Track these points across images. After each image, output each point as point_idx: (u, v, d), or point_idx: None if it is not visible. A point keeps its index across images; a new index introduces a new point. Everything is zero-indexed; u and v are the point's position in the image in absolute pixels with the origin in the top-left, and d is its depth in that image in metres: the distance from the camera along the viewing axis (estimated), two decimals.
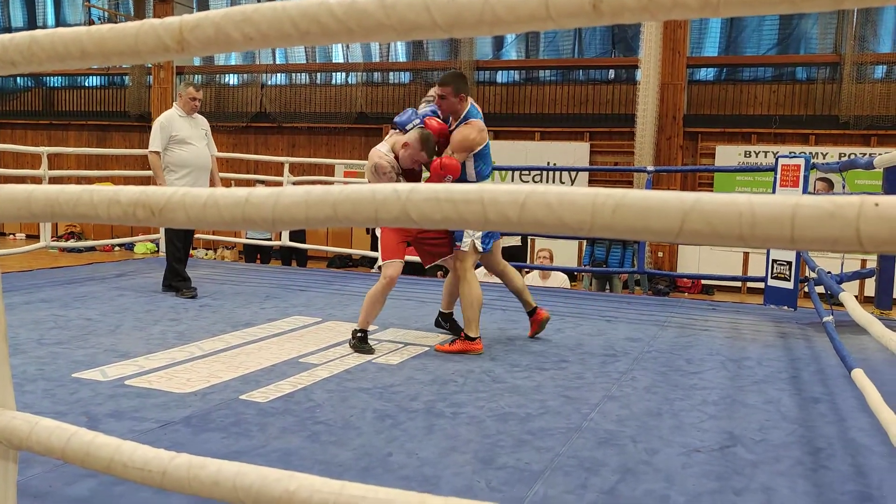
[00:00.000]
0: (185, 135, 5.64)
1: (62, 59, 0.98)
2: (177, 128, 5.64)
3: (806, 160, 5.76)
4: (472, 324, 4.08)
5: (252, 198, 0.91)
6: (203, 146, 5.78)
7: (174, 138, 5.62)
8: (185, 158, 5.65)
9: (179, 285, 5.67)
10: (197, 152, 5.71)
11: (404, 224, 0.84)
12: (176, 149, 5.63)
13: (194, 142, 5.69)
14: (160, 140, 5.60)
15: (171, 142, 5.62)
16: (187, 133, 5.66)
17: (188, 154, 5.66)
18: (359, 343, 4.08)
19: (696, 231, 0.72)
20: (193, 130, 5.72)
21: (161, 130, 5.61)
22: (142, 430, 2.72)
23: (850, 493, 2.37)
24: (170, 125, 5.63)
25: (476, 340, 4.06)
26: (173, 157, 5.63)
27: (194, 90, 5.73)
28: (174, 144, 5.63)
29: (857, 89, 10.87)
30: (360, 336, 4.10)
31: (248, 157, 9.85)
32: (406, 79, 13.63)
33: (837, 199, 0.71)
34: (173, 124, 5.64)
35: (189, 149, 5.66)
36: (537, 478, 2.40)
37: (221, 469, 1.04)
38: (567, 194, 0.78)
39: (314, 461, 2.49)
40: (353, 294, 5.96)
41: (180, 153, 5.64)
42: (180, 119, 5.69)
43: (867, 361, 3.87)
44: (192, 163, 5.67)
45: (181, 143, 5.64)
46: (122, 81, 15.62)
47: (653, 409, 3.19)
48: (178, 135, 5.62)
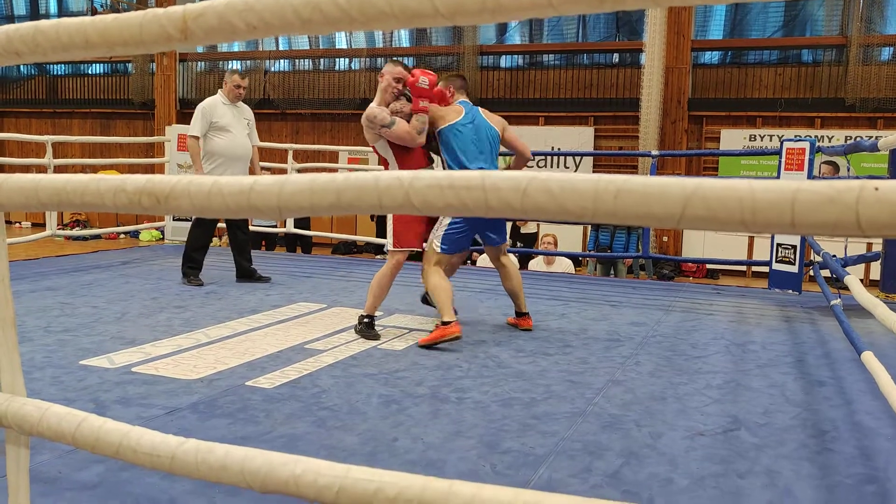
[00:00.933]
0: (225, 122, 5.56)
1: (66, 50, 0.99)
2: (218, 114, 5.55)
3: (811, 144, 5.74)
4: (442, 309, 3.98)
5: (257, 186, 0.92)
6: (243, 136, 5.69)
7: (214, 125, 5.54)
8: (221, 147, 5.57)
9: (188, 271, 5.66)
10: (235, 141, 5.61)
11: (408, 211, 0.85)
12: (214, 136, 5.56)
13: (234, 130, 5.60)
14: (200, 125, 5.52)
15: (212, 128, 5.55)
16: (228, 121, 5.57)
17: (225, 142, 5.57)
18: (365, 328, 4.10)
19: (698, 217, 0.73)
20: (235, 119, 5.63)
21: (202, 116, 5.53)
22: (149, 416, 2.75)
23: (855, 475, 2.38)
24: (211, 111, 5.55)
25: (451, 324, 3.92)
26: (210, 144, 5.56)
27: (239, 77, 5.64)
28: (213, 131, 5.56)
29: (863, 71, 10.80)
30: (366, 322, 4.12)
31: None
32: (410, 64, 13.57)
33: (837, 184, 0.71)
34: (215, 110, 5.56)
35: (227, 137, 5.57)
36: (542, 462, 2.41)
37: (229, 453, 1.05)
38: (569, 181, 0.78)
39: (320, 446, 2.51)
40: (358, 280, 5.98)
41: (217, 141, 5.57)
42: (223, 106, 5.61)
43: (873, 345, 3.86)
44: (228, 152, 5.58)
45: (221, 131, 5.56)
46: (125, 69, 15.61)
47: (657, 393, 3.20)
48: (218, 122, 5.54)
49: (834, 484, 2.32)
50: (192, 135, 5.55)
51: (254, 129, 5.87)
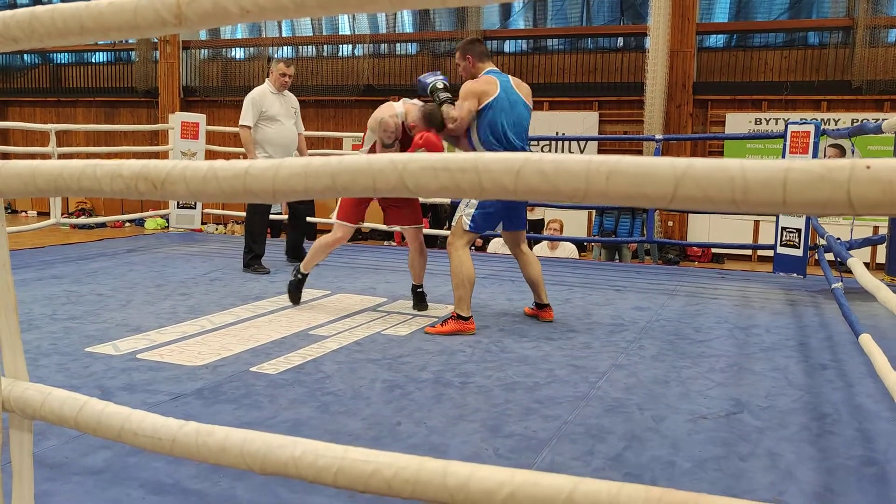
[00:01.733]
0: (274, 112, 5.60)
1: (62, 35, 0.99)
2: (267, 104, 5.59)
3: (816, 126, 5.71)
4: (462, 302, 3.88)
5: (252, 169, 0.92)
6: (291, 124, 5.74)
7: (264, 115, 5.58)
8: (271, 136, 5.61)
9: (251, 262, 5.73)
10: (284, 130, 5.67)
11: (402, 193, 0.85)
12: (264, 126, 5.61)
13: (282, 119, 5.65)
14: (251, 115, 5.56)
15: (261, 118, 5.59)
16: (277, 110, 5.62)
17: (275, 131, 5.62)
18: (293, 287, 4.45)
19: (690, 196, 0.73)
20: (283, 108, 5.67)
21: (252, 106, 5.57)
22: (154, 402, 2.77)
23: (856, 457, 2.39)
24: (261, 101, 5.59)
25: (469, 320, 3.87)
26: (261, 133, 5.61)
27: (284, 66, 5.66)
28: (263, 121, 5.60)
29: (870, 53, 10.72)
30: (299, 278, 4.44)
31: None
32: (413, 50, 13.54)
33: (829, 163, 0.71)
34: (264, 100, 5.60)
35: (277, 126, 5.62)
36: (544, 445, 2.43)
37: (229, 436, 1.06)
38: (562, 162, 0.78)
39: (324, 431, 2.53)
40: (363, 267, 5.99)
41: (267, 130, 5.61)
42: (271, 95, 5.64)
43: (876, 328, 3.87)
44: (278, 141, 5.63)
45: (270, 120, 5.60)
46: (128, 57, 15.58)
47: (660, 377, 3.21)
48: (267, 111, 5.58)
49: (835, 466, 2.33)
50: (244, 125, 5.60)
51: (299, 117, 5.92)
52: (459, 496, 0.87)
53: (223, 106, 14.57)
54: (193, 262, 6.12)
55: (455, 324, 3.86)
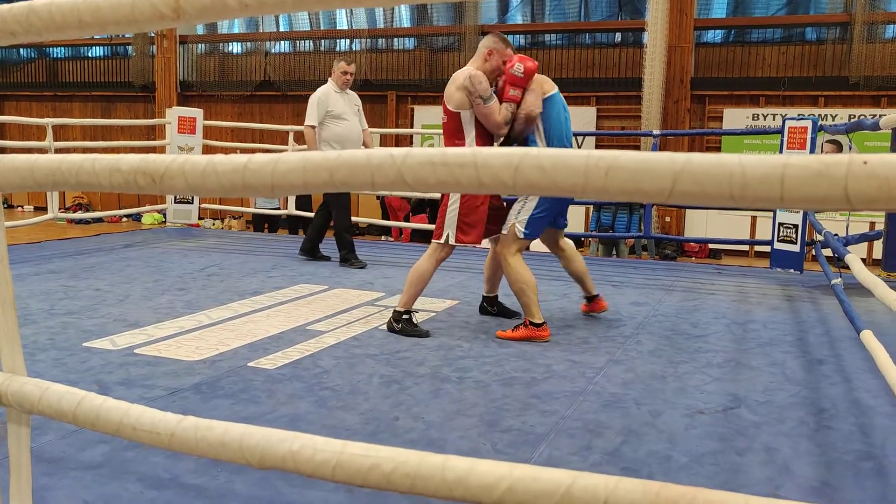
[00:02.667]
0: (339, 110, 5.66)
1: (60, 29, 0.99)
2: (332, 103, 5.65)
3: (813, 122, 5.71)
4: (531, 309, 3.68)
5: (251, 164, 0.92)
6: (356, 121, 5.80)
7: (330, 113, 5.64)
8: (339, 133, 5.66)
9: (347, 256, 5.80)
10: (350, 127, 5.72)
11: (400, 188, 0.85)
12: (331, 124, 5.65)
13: (348, 117, 5.71)
14: (317, 115, 5.62)
15: (327, 117, 5.64)
16: (342, 108, 5.68)
17: (342, 129, 5.67)
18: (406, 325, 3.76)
19: (687, 192, 0.73)
20: (347, 106, 5.74)
21: (318, 105, 5.63)
22: (151, 397, 2.77)
23: (853, 452, 2.40)
24: (326, 100, 5.65)
25: (542, 326, 3.67)
26: (328, 132, 5.65)
27: (345, 64, 5.74)
28: (330, 120, 5.65)
29: (867, 49, 10.73)
30: (405, 319, 3.78)
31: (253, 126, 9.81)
32: (411, 45, 13.52)
33: (826, 159, 0.71)
34: (329, 99, 5.65)
35: (343, 124, 5.68)
36: (542, 440, 2.43)
37: (227, 430, 1.06)
38: (560, 157, 0.78)
39: (322, 425, 2.53)
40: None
41: (335, 128, 5.66)
42: (335, 94, 5.70)
43: (874, 324, 3.87)
44: (346, 138, 5.68)
45: (336, 119, 5.66)
46: (125, 52, 15.55)
47: (657, 372, 3.22)
48: (333, 110, 5.64)
49: (832, 461, 2.34)
50: (310, 124, 5.66)
51: (362, 114, 5.97)
52: (458, 490, 0.87)
53: (220, 101, 14.55)
54: (191, 257, 6.12)
55: (526, 330, 3.67)
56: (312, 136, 5.66)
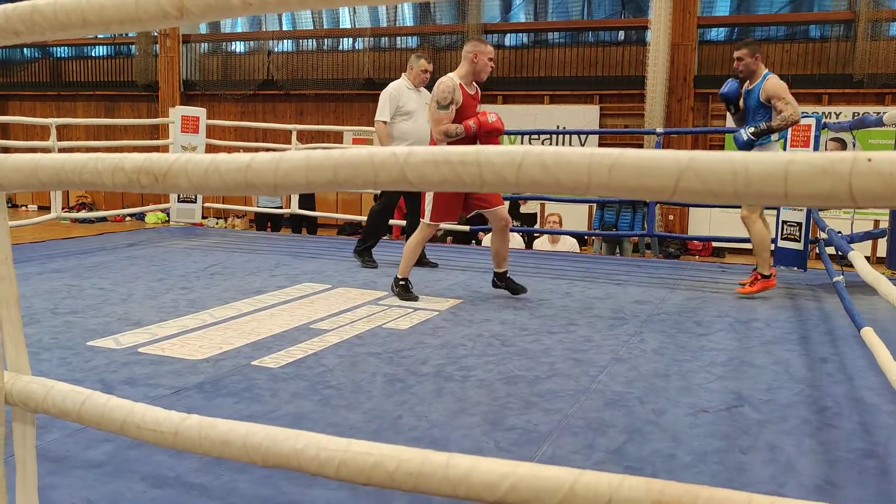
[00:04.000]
0: (411, 107, 5.64)
1: (64, 28, 0.99)
2: (404, 99, 5.63)
3: (817, 120, 5.70)
4: (764, 263, 4.65)
5: (254, 163, 0.92)
6: (424, 119, 5.72)
7: (400, 109, 5.62)
8: (406, 130, 5.64)
9: (363, 252, 5.82)
10: (418, 125, 5.68)
11: (403, 186, 0.85)
12: (400, 120, 5.64)
13: (418, 115, 5.68)
14: (388, 110, 5.61)
15: (398, 113, 5.63)
16: (413, 105, 5.66)
17: (410, 126, 5.65)
18: (403, 291, 4.49)
19: (691, 189, 0.73)
20: (419, 103, 5.70)
21: (390, 101, 5.61)
22: (155, 396, 2.77)
23: (856, 450, 2.40)
24: (398, 96, 5.62)
25: (771, 277, 4.60)
26: (396, 128, 5.64)
27: (426, 63, 5.71)
28: (399, 116, 5.63)
29: (871, 47, 10.70)
30: (402, 284, 4.51)
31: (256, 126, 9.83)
32: (414, 43, 13.52)
33: (831, 156, 0.71)
34: (401, 95, 5.63)
35: (412, 121, 5.66)
36: (545, 438, 2.43)
37: (232, 429, 1.06)
38: (563, 154, 0.78)
39: (325, 424, 2.53)
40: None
41: (403, 125, 5.64)
42: (408, 91, 5.67)
43: (876, 321, 3.87)
44: (413, 135, 5.65)
45: (407, 115, 5.64)
46: (128, 51, 15.57)
47: (660, 370, 3.21)
48: (404, 106, 5.62)
49: (835, 459, 2.34)
50: (381, 119, 5.65)
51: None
52: (461, 488, 0.87)
53: (223, 100, 14.56)
54: (194, 255, 6.13)
55: (761, 283, 4.63)
56: (383, 131, 5.64)
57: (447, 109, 4.36)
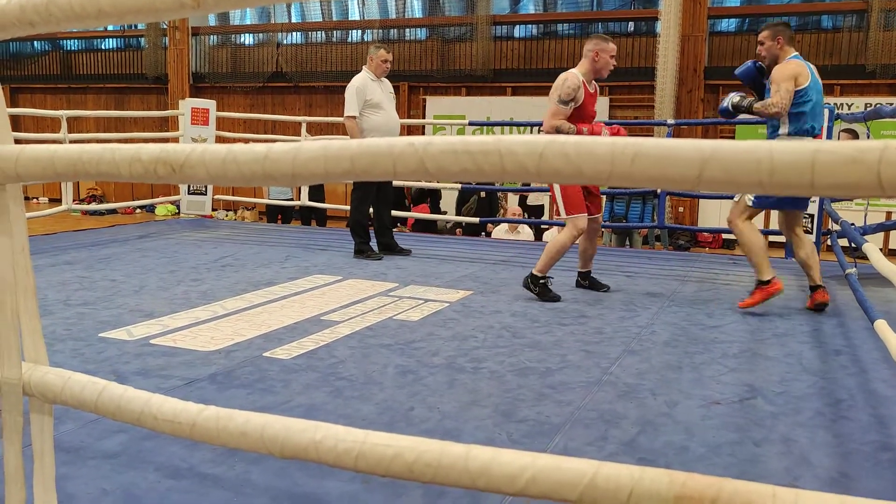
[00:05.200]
0: (377, 99, 5.61)
1: (80, 19, 0.99)
2: (370, 91, 5.59)
3: (830, 110, 5.66)
4: (760, 268, 4.06)
5: (272, 153, 0.91)
6: (392, 109, 5.77)
7: (368, 102, 5.59)
8: (377, 123, 5.61)
9: (361, 247, 5.77)
10: (388, 116, 5.68)
11: (422, 176, 0.84)
12: (369, 113, 5.61)
13: (385, 106, 5.66)
14: (356, 105, 5.57)
15: (366, 106, 5.59)
16: (380, 97, 5.63)
17: (381, 118, 5.62)
18: (543, 290, 4.34)
19: (715, 179, 0.72)
20: (384, 94, 5.68)
21: (357, 95, 5.57)
22: (168, 387, 2.78)
23: (871, 443, 2.38)
24: (364, 89, 5.59)
25: (770, 282, 4.02)
26: (367, 121, 5.61)
27: (385, 52, 5.66)
28: (368, 109, 5.60)
29: (884, 37, 10.61)
30: (542, 283, 4.35)
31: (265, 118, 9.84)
32: (423, 35, 13.48)
33: (859, 144, 0.70)
34: (367, 88, 5.59)
35: (381, 113, 5.63)
36: (557, 430, 2.43)
37: (249, 420, 1.06)
38: (585, 144, 0.77)
39: (338, 415, 2.53)
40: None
41: (373, 118, 5.61)
42: (372, 83, 5.64)
43: (890, 314, 3.84)
44: (384, 126, 5.63)
45: (375, 108, 5.61)
46: (138, 44, 15.59)
47: (672, 362, 3.20)
48: (371, 98, 5.59)
49: (849, 451, 2.32)
50: (350, 115, 5.61)
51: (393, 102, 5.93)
52: (481, 481, 0.87)
53: (232, 92, 14.57)
54: (205, 247, 6.14)
55: (760, 292, 4.05)
56: (353, 127, 5.60)
57: (567, 105, 4.28)
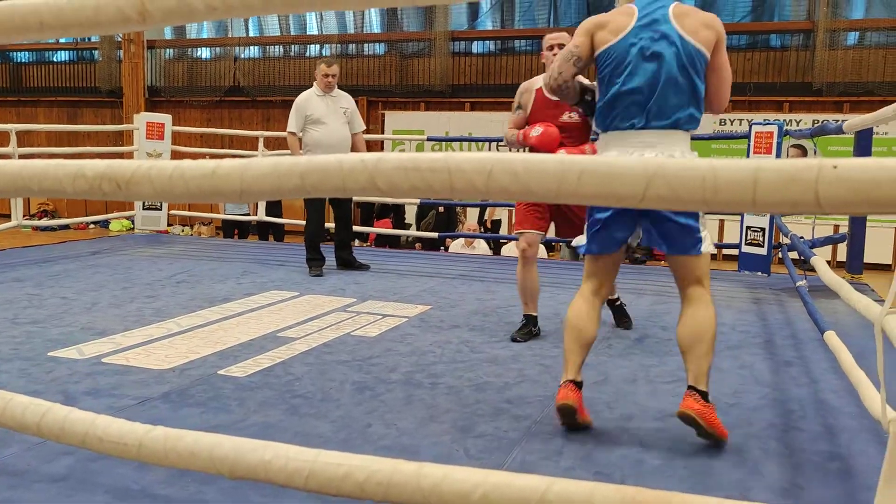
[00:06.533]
0: (319, 114, 5.54)
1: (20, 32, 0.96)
2: (312, 107, 5.55)
3: (779, 127, 5.80)
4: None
5: (220, 169, 0.90)
6: (339, 125, 5.63)
7: (309, 118, 5.54)
8: (317, 139, 5.55)
9: (309, 262, 5.71)
10: (330, 132, 5.57)
11: (373, 193, 0.84)
12: (310, 129, 5.56)
13: (328, 121, 5.57)
14: (295, 121, 5.55)
15: (307, 122, 5.55)
16: (322, 112, 5.56)
17: (320, 134, 5.55)
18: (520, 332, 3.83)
19: (660, 196, 0.73)
20: (329, 109, 5.59)
21: (296, 111, 5.56)
22: (120, 406, 2.72)
23: (821, 453, 2.43)
24: (305, 105, 5.55)
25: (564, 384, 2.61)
26: (308, 137, 5.58)
27: (325, 66, 5.60)
28: (309, 125, 5.56)
29: (829, 56, 10.92)
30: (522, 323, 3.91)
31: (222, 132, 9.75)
32: (381, 50, 13.50)
33: (798, 163, 0.72)
34: (308, 104, 5.56)
35: (322, 129, 5.56)
36: (515, 445, 2.43)
37: (198, 440, 1.04)
38: (534, 162, 0.78)
39: (294, 433, 2.50)
40: (329, 268, 5.94)
41: (314, 134, 5.57)
42: (317, 98, 5.59)
43: (838, 325, 3.93)
44: (325, 142, 5.53)
45: (315, 123, 5.55)
46: (91, 56, 15.33)
47: (628, 375, 3.23)
48: (312, 114, 5.53)
49: (800, 462, 2.37)
50: (289, 131, 5.61)
51: (355, 116, 5.79)
52: (433, 498, 0.87)
53: (189, 106, 14.40)
54: (159, 264, 6.04)
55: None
56: (293, 142, 5.61)
57: (515, 113, 4.14)
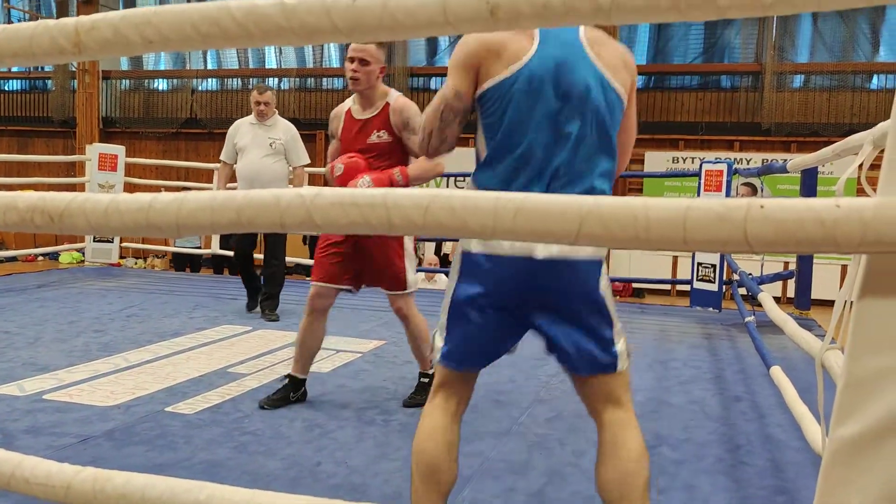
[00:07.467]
0: (242, 143, 5.24)
1: None
2: (239, 135, 5.27)
3: (728, 166, 5.94)
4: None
5: (156, 203, 0.89)
6: (260, 156, 5.19)
7: (236, 146, 5.27)
8: (239, 168, 5.27)
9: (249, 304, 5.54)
10: (247, 161, 5.19)
11: (310, 230, 0.83)
12: (239, 157, 5.28)
13: (249, 151, 5.22)
14: (225, 149, 5.34)
15: (236, 150, 5.28)
16: (246, 141, 5.23)
17: (241, 164, 5.25)
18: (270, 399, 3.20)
19: (594, 234, 0.74)
20: (256, 139, 5.24)
21: (228, 138, 5.34)
22: (60, 445, 2.63)
23: (767, 487, 2.45)
24: (234, 132, 5.31)
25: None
26: (236, 167, 5.32)
27: (257, 93, 5.29)
28: (238, 153, 5.28)
29: (777, 97, 11.27)
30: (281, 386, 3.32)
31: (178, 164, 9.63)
32: (340, 84, 13.55)
33: (727, 202, 0.73)
34: (237, 131, 5.29)
35: (243, 158, 5.23)
36: (466, 483, 2.41)
37: (129, 481, 1.01)
38: (470, 198, 0.78)
39: (241, 472, 2.45)
40: (285, 302, 5.87)
41: (237, 163, 5.29)
42: (247, 126, 5.29)
43: (785, 360, 4.00)
44: (243, 173, 5.23)
45: (240, 152, 5.26)
46: (44, 86, 15.11)
47: (581, 410, 3.21)
48: (238, 143, 5.26)
49: (748, 496, 2.38)
50: (220, 159, 5.42)
51: (290, 148, 5.33)
52: None
53: (145, 137, 14.25)
54: (109, 297, 5.91)
55: None
56: (220, 171, 5.44)
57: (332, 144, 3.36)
